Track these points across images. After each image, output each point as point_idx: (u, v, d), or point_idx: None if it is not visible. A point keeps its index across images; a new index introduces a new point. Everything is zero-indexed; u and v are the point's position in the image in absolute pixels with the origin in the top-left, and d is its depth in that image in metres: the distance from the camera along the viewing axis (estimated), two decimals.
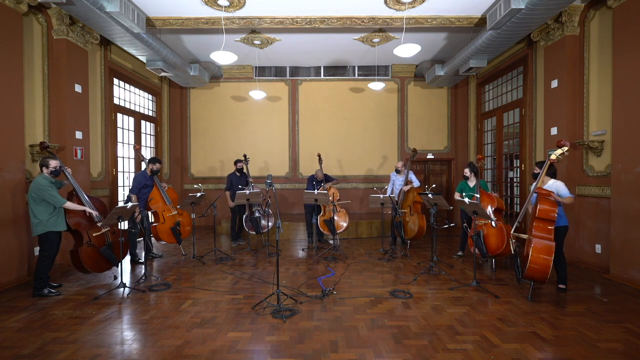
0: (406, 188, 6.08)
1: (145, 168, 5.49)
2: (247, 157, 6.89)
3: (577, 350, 2.66)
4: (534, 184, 3.95)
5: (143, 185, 5.37)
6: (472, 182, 5.26)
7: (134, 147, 6.22)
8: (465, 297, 3.82)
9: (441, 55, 7.83)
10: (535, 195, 3.89)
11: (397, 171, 6.37)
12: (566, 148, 3.84)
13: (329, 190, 6.17)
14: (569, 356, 2.57)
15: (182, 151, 8.96)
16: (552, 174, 4.02)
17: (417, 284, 4.30)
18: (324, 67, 8.74)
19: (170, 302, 3.69)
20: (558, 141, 3.89)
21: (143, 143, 7.79)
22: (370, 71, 8.74)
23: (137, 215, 4.68)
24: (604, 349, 2.69)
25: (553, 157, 3.79)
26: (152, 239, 5.82)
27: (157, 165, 5.50)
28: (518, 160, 6.87)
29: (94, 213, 4.24)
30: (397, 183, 6.40)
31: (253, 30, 6.63)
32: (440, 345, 2.73)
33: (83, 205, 4.22)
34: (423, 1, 5.10)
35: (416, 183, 6.19)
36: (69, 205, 3.98)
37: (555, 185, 3.93)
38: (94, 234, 4.23)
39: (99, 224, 4.27)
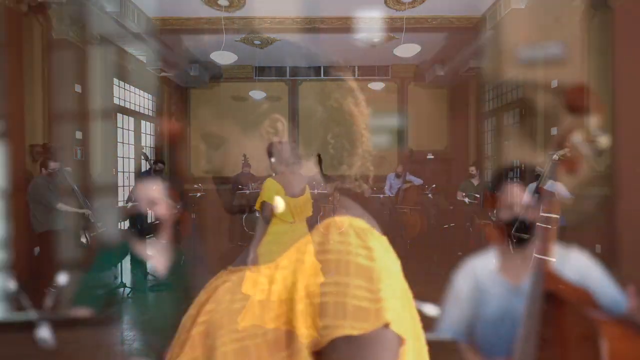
0: (405, 186, 6.08)
1: (149, 168, 5.51)
2: (246, 157, 6.82)
3: None
4: (535, 184, 3.95)
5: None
6: (476, 181, 5.27)
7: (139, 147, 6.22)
8: None
9: (441, 55, 7.82)
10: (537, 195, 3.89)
11: (397, 175, 6.36)
12: (568, 149, 3.84)
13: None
14: None
15: (182, 151, 8.95)
16: (553, 175, 4.02)
17: (417, 283, 4.29)
18: (324, 67, 8.72)
19: (170, 302, 3.69)
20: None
21: (143, 143, 7.79)
22: (370, 71, 8.73)
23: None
24: None
25: (555, 157, 3.79)
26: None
27: (160, 165, 5.53)
28: (518, 160, 6.87)
29: (91, 214, 4.24)
30: (394, 185, 6.40)
31: (253, 30, 6.63)
32: None
33: (81, 205, 4.22)
34: (423, 1, 5.10)
35: (417, 181, 6.20)
36: (63, 207, 3.98)
37: (555, 187, 3.93)
38: (92, 234, 4.23)
39: (97, 225, 4.27)
